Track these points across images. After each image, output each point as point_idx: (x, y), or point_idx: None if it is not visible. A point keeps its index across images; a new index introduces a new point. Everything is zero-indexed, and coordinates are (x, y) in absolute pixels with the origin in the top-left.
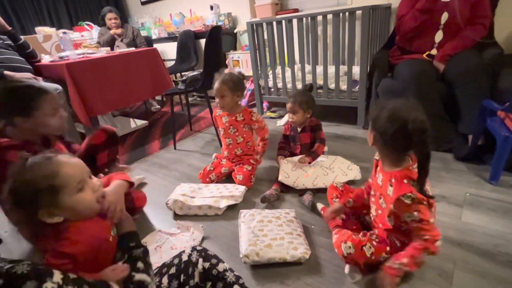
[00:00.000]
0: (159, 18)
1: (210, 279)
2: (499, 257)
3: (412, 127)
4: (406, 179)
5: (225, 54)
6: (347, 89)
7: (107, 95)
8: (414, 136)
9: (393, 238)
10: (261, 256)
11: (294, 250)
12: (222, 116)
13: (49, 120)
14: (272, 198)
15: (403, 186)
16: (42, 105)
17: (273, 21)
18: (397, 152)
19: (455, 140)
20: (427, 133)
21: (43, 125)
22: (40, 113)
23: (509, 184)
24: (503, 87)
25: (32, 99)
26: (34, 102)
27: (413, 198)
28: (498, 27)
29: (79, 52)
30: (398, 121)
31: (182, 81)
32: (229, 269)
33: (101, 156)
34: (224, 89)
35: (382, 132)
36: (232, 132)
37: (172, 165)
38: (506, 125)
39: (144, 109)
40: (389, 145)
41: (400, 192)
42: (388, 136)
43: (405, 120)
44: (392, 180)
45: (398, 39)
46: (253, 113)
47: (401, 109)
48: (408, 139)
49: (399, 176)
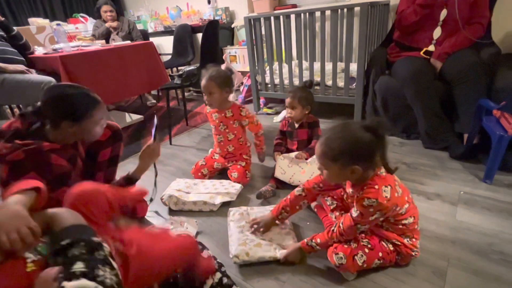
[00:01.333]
0: (155, 11)
1: None
2: (492, 256)
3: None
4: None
5: (222, 49)
6: (344, 86)
7: (102, 88)
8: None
9: (385, 241)
10: (251, 256)
11: (284, 249)
12: (212, 113)
13: (94, 128)
14: (268, 194)
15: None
16: (93, 114)
17: (271, 16)
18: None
19: (451, 138)
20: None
21: (88, 132)
22: (89, 121)
23: (503, 183)
24: (499, 87)
25: (87, 108)
26: (88, 111)
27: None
28: (495, 27)
29: (74, 44)
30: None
31: (179, 76)
32: (212, 256)
33: (104, 152)
34: (211, 86)
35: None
36: (222, 129)
37: (167, 160)
38: (501, 124)
39: (139, 103)
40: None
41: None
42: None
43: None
44: (365, 188)
45: (397, 35)
46: (242, 108)
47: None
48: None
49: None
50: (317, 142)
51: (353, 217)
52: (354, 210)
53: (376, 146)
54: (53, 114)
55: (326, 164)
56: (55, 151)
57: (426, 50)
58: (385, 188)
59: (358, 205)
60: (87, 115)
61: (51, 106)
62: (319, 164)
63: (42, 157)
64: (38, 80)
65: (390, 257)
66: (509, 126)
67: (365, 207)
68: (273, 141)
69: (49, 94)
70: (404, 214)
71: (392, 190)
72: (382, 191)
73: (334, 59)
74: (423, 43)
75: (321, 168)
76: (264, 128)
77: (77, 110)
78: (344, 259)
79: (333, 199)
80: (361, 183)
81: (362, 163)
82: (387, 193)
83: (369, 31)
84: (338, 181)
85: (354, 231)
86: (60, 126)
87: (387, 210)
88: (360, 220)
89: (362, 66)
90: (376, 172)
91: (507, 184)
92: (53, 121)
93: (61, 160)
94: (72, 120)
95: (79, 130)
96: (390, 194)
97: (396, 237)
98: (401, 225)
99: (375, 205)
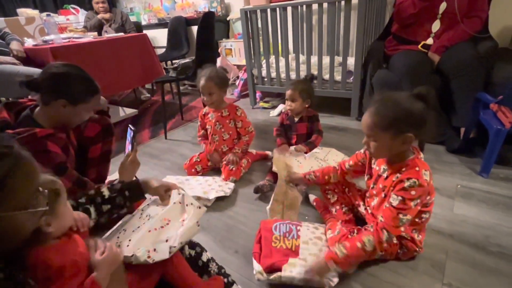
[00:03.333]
0: (149, 3)
1: (196, 270)
2: (489, 248)
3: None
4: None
5: (217, 42)
6: (341, 80)
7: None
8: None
9: None
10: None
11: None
12: (208, 114)
13: (83, 114)
14: (265, 189)
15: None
16: (90, 101)
17: (267, 8)
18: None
19: (448, 132)
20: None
21: (77, 116)
22: (84, 107)
23: (499, 177)
24: (496, 80)
25: (87, 93)
26: (86, 96)
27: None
28: (492, 21)
29: (65, 36)
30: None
31: (173, 69)
32: (211, 258)
33: (94, 149)
34: (211, 86)
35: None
36: (218, 128)
37: (163, 155)
38: (498, 118)
39: (133, 97)
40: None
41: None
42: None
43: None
44: (403, 169)
45: (395, 28)
46: (238, 108)
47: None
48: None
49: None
50: (365, 115)
51: (393, 206)
52: (393, 198)
53: (428, 115)
54: (51, 89)
55: (376, 134)
56: (49, 137)
57: (424, 44)
58: (425, 171)
59: (398, 189)
60: (84, 101)
61: (53, 81)
62: (365, 137)
63: (39, 144)
64: (28, 73)
65: (392, 250)
66: (506, 120)
67: (406, 190)
68: (269, 135)
69: (52, 69)
70: (428, 207)
71: (430, 175)
72: (422, 174)
73: (331, 53)
74: (421, 36)
75: (368, 141)
76: (260, 123)
77: (77, 92)
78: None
79: (334, 192)
80: (399, 162)
81: (414, 131)
82: (426, 177)
83: (366, 24)
84: (385, 154)
85: (397, 223)
86: (52, 104)
87: (425, 195)
88: (402, 207)
89: (359, 60)
90: (416, 155)
91: (504, 178)
92: (47, 97)
93: (57, 148)
94: (69, 100)
95: (71, 112)
96: (429, 179)
97: (409, 231)
98: (418, 218)
99: (416, 187)
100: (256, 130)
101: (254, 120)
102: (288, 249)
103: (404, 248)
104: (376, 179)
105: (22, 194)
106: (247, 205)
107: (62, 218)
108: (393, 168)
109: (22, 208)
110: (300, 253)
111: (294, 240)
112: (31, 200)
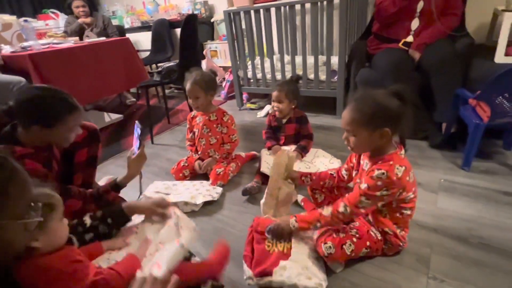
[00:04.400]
0: (131, 6)
1: None
2: (472, 240)
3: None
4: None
5: (202, 44)
6: (326, 79)
7: (77, 88)
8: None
9: (373, 230)
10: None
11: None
12: (196, 117)
13: (66, 135)
14: (254, 191)
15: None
16: (68, 121)
17: (250, 9)
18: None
19: (430, 128)
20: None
21: (59, 138)
22: (62, 128)
23: (480, 170)
24: (474, 76)
25: (61, 114)
26: (61, 117)
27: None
28: (468, 18)
29: (44, 42)
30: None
31: (158, 73)
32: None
33: (80, 153)
34: (196, 90)
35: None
36: (205, 132)
37: (149, 160)
38: (477, 113)
39: (118, 102)
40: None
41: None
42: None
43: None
44: (379, 162)
45: (376, 27)
46: (226, 114)
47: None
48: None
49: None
50: (344, 111)
51: (360, 188)
52: (362, 184)
53: (404, 111)
54: (24, 117)
55: (355, 130)
56: (28, 155)
57: (405, 41)
58: (399, 167)
59: (368, 177)
60: (60, 122)
61: (22, 108)
62: (345, 133)
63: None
64: (6, 80)
65: (377, 246)
66: (484, 114)
67: (374, 179)
68: (257, 136)
69: (23, 95)
70: (408, 203)
71: (405, 171)
72: (395, 168)
73: (315, 53)
74: (402, 35)
75: (348, 136)
76: (247, 124)
77: (50, 115)
78: (332, 249)
79: (321, 192)
80: (378, 156)
81: (391, 126)
82: (399, 172)
83: (349, 23)
84: (365, 148)
85: (357, 202)
86: (30, 129)
87: (394, 188)
88: (367, 192)
89: (343, 59)
90: (396, 151)
91: (484, 171)
92: (23, 123)
93: (36, 165)
94: (43, 125)
95: (50, 135)
96: (402, 174)
97: (390, 225)
98: (399, 214)
99: (383, 178)
100: (244, 131)
101: (241, 121)
102: (280, 252)
103: (389, 243)
104: (360, 174)
105: (19, 202)
106: (236, 208)
107: (53, 234)
108: (373, 162)
109: (17, 217)
110: (292, 254)
111: (286, 243)
112: (26, 210)
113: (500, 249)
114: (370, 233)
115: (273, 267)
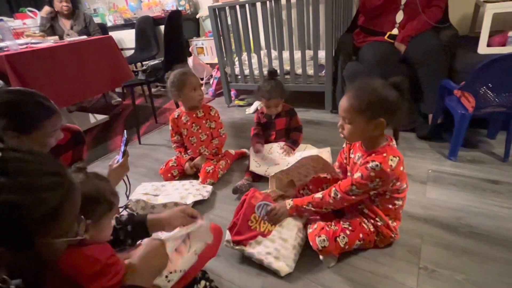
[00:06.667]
0: (113, 3)
1: None
2: (461, 229)
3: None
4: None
5: (188, 41)
6: (314, 74)
7: (59, 89)
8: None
9: (366, 222)
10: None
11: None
12: (181, 117)
13: (46, 140)
14: (244, 189)
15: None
16: (45, 126)
17: (236, 5)
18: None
19: (417, 119)
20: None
21: (38, 143)
22: (40, 133)
23: (466, 159)
24: (459, 67)
25: (37, 119)
26: (38, 123)
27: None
28: (452, 10)
29: (22, 42)
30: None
31: (143, 71)
32: None
33: (65, 157)
34: (173, 93)
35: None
36: (195, 130)
37: (137, 161)
38: (462, 104)
39: (103, 102)
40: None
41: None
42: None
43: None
44: (373, 154)
45: (362, 20)
46: (212, 108)
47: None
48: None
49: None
50: (343, 98)
51: (353, 177)
52: (356, 174)
53: (401, 103)
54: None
55: (352, 117)
56: None
57: (390, 34)
58: (392, 157)
59: (362, 168)
60: (37, 127)
61: None
62: (341, 120)
63: None
64: None
65: (370, 238)
66: (469, 105)
67: (368, 170)
68: (247, 133)
69: None
70: (400, 193)
71: (399, 162)
72: (388, 159)
73: (302, 47)
74: (387, 27)
75: (343, 124)
76: (236, 121)
77: (25, 121)
78: (326, 242)
79: (309, 190)
80: (372, 147)
81: (387, 117)
82: (393, 163)
83: (335, 17)
84: (358, 137)
85: (348, 190)
86: (6, 134)
87: (387, 179)
88: (359, 181)
89: (330, 53)
90: (388, 143)
91: (470, 160)
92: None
93: None
94: (18, 131)
95: (26, 141)
96: (396, 165)
97: (383, 215)
98: (392, 205)
99: (377, 170)
100: (233, 128)
101: (230, 118)
102: (260, 232)
103: (381, 235)
104: (352, 167)
105: (66, 223)
106: (227, 207)
107: (103, 230)
108: (367, 154)
109: (62, 236)
110: (271, 235)
111: (269, 226)
112: (72, 228)
113: (489, 236)
114: (362, 225)
115: (248, 241)
